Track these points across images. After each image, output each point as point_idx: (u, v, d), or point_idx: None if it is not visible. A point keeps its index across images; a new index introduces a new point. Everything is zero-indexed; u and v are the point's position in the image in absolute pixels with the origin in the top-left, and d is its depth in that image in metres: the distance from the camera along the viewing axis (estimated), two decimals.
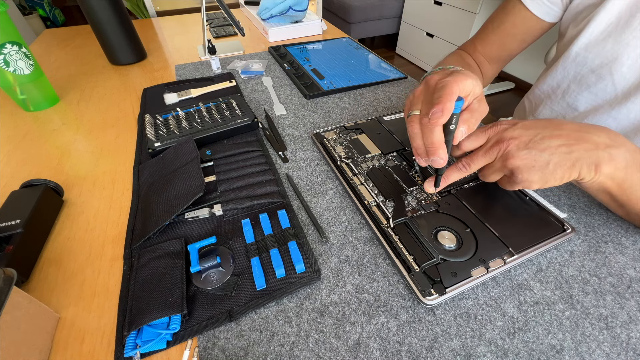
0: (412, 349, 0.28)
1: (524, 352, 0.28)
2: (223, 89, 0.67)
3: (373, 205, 0.40)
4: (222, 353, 0.28)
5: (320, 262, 0.35)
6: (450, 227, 0.36)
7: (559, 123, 0.33)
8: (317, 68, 0.75)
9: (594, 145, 0.31)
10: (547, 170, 0.31)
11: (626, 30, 0.38)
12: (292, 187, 0.44)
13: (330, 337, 0.29)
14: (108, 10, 0.72)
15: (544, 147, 0.31)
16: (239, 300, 0.31)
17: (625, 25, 0.38)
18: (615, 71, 0.39)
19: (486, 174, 0.35)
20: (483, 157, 0.34)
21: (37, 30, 2.48)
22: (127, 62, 0.81)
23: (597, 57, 0.41)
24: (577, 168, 0.31)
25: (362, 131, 0.53)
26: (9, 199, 0.38)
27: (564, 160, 0.30)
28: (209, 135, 0.50)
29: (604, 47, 0.40)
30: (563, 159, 0.30)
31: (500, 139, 0.33)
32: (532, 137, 0.31)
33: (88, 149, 0.53)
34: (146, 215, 0.39)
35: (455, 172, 0.36)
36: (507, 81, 2.36)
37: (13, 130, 0.57)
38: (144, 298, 0.30)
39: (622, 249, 0.36)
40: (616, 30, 0.39)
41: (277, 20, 0.97)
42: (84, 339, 0.29)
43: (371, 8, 2.52)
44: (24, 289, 0.32)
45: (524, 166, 0.31)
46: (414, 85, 0.70)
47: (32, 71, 0.59)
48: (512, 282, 0.33)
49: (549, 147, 0.31)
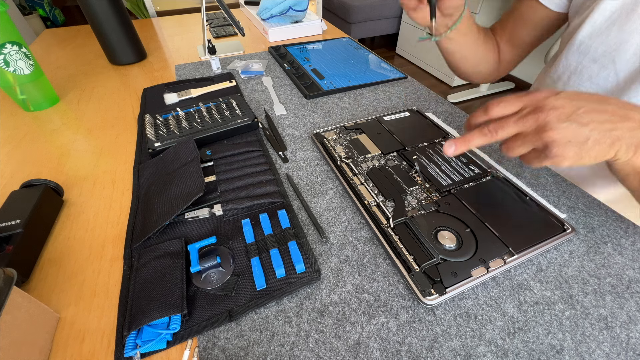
0: (412, 349, 0.28)
1: (524, 352, 0.28)
2: (223, 89, 0.67)
3: (373, 205, 0.40)
4: (222, 353, 0.28)
5: (320, 262, 0.35)
6: (450, 227, 0.36)
7: (605, 98, 0.30)
8: (317, 68, 0.75)
9: (638, 125, 0.28)
10: (585, 147, 0.28)
11: (631, 18, 0.37)
12: (292, 187, 0.44)
13: (331, 337, 0.29)
14: (108, 10, 0.72)
15: (587, 122, 0.28)
16: (239, 300, 0.31)
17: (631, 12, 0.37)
18: (618, 59, 0.39)
19: (513, 145, 0.31)
20: (515, 124, 0.30)
21: (37, 30, 2.48)
22: (127, 62, 0.81)
23: (601, 46, 0.40)
24: (615, 147, 0.29)
25: (362, 131, 0.53)
26: (9, 199, 0.38)
27: (604, 138, 0.28)
28: (209, 135, 0.50)
29: (608, 35, 0.39)
30: (604, 136, 0.28)
31: (540, 107, 0.29)
32: (576, 109, 0.28)
33: (88, 149, 0.53)
34: (146, 215, 0.39)
35: (479, 137, 0.31)
36: (506, 81, 2.36)
37: (13, 130, 0.57)
38: (144, 298, 0.30)
39: (621, 250, 0.36)
40: (620, 18, 0.38)
41: (277, 20, 0.97)
42: (84, 339, 0.29)
43: (371, 8, 2.52)
44: (24, 289, 0.32)
45: (561, 139, 0.28)
46: (414, 85, 0.70)
47: (32, 71, 0.59)
48: (512, 282, 0.33)
49: (591, 122, 0.28)
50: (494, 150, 0.51)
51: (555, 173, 0.47)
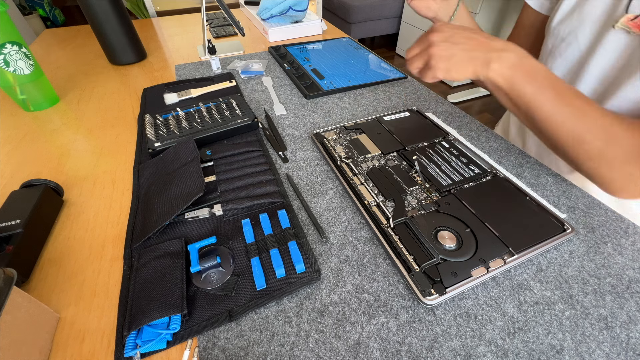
0: (412, 349, 0.28)
1: (524, 352, 0.28)
2: (223, 89, 0.67)
3: (373, 205, 0.40)
4: (222, 353, 0.28)
5: (320, 262, 0.35)
6: (450, 227, 0.36)
7: (476, 31, 0.40)
8: (317, 68, 0.75)
9: (490, 48, 0.38)
10: (452, 62, 0.39)
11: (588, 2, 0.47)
12: (292, 187, 0.44)
13: (331, 337, 0.29)
14: (108, 10, 0.72)
15: (457, 42, 0.39)
16: (239, 300, 0.31)
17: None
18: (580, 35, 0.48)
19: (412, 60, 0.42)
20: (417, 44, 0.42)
21: (37, 30, 2.48)
22: (127, 62, 0.81)
23: (567, 27, 0.49)
24: (473, 64, 0.38)
25: (362, 131, 0.53)
26: (9, 199, 0.38)
27: (465, 57, 0.38)
28: (209, 135, 0.50)
29: (572, 18, 0.49)
30: (465, 55, 0.38)
31: (430, 33, 0.41)
32: (452, 35, 0.39)
33: (88, 148, 0.53)
34: (146, 215, 0.39)
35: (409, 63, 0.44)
36: None
37: (13, 130, 0.57)
38: (144, 298, 0.30)
39: (621, 250, 0.36)
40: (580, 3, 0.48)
41: (277, 20, 0.97)
42: (84, 339, 0.29)
43: (371, 8, 2.52)
44: (24, 289, 0.32)
45: (437, 53, 0.39)
46: (414, 85, 0.70)
47: (32, 71, 0.59)
48: (512, 282, 0.33)
49: (460, 44, 0.39)
50: (494, 150, 0.51)
51: (555, 173, 0.47)
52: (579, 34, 0.48)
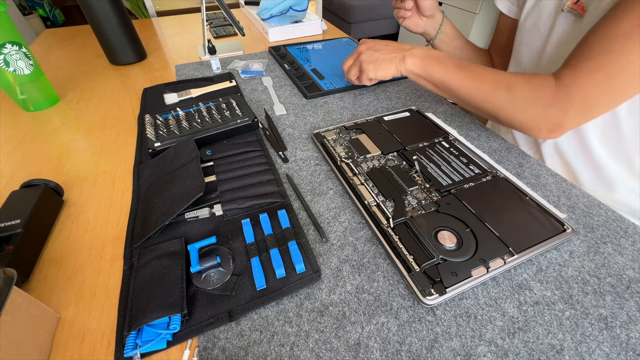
0: (412, 349, 0.28)
1: (524, 352, 0.28)
2: (223, 89, 0.67)
3: (373, 205, 0.40)
4: (222, 353, 0.28)
5: (320, 262, 0.35)
6: (450, 227, 0.36)
7: (390, 42, 0.55)
8: (317, 68, 0.75)
9: (403, 49, 0.52)
10: (377, 63, 0.53)
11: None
12: (292, 187, 0.44)
13: (331, 337, 0.29)
14: (108, 10, 0.72)
15: (378, 49, 0.54)
16: (239, 300, 0.31)
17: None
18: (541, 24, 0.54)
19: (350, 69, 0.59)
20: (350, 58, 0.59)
21: (37, 30, 2.48)
22: (127, 62, 0.81)
23: (531, 20, 0.56)
24: (393, 63, 0.52)
25: (362, 131, 0.53)
26: (9, 199, 0.38)
27: (386, 58, 0.52)
28: (209, 135, 0.50)
29: (533, 12, 0.55)
30: (386, 57, 0.52)
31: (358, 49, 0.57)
32: (374, 45, 0.55)
33: (88, 149, 0.53)
34: (146, 215, 0.39)
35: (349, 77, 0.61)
36: None
37: (13, 130, 0.57)
38: (144, 298, 0.30)
39: (621, 250, 0.36)
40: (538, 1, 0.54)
41: (277, 20, 0.97)
42: (84, 339, 0.29)
43: (371, 8, 2.52)
44: (24, 289, 0.32)
45: (365, 59, 0.55)
46: (414, 85, 0.70)
47: (32, 71, 0.59)
48: (512, 282, 0.33)
49: (380, 51, 0.54)
50: (494, 150, 0.51)
51: (555, 173, 0.47)
52: (539, 24, 0.55)
